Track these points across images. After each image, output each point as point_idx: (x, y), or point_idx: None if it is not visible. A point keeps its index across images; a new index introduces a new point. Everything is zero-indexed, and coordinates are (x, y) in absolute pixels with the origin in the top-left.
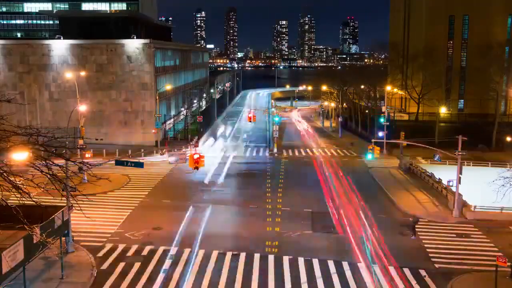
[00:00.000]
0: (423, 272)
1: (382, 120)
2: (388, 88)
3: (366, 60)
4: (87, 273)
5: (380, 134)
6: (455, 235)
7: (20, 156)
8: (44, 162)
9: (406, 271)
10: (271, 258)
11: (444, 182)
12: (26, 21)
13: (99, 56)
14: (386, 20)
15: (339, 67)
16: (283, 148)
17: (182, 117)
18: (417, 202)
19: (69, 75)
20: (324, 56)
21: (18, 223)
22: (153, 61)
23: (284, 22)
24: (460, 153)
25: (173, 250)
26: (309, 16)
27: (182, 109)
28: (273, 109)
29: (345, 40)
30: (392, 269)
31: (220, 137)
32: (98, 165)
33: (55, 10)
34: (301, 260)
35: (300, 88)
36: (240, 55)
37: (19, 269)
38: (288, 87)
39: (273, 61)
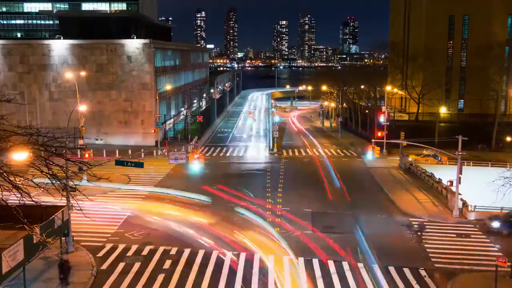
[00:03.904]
0: (423, 272)
1: (382, 120)
2: (388, 88)
3: (366, 60)
4: (87, 273)
5: (380, 134)
6: (455, 235)
7: (20, 156)
8: (44, 162)
9: (406, 271)
10: (271, 258)
11: (444, 182)
12: (26, 21)
13: (99, 56)
14: (386, 20)
15: (339, 67)
16: (283, 148)
17: (182, 117)
18: (417, 202)
19: (69, 75)
20: (324, 56)
21: (18, 223)
22: (153, 61)
23: (284, 22)
24: (460, 153)
25: (173, 250)
26: (309, 16)
27: (182, 109)
28: (273, 109)
29: (345, 40)
30: (392, 269)
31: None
32: (98, 165)
33: (55, 10)
34: (301, 260)
35: (300, 88)
36: (240, 55)
37: (19, 269)
38: (288, 87)
39: (273, 61)
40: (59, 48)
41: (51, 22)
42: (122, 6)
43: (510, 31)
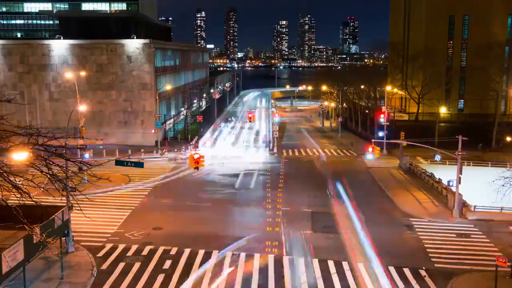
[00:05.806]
0: (423, 272)
1: (382, 120)
2: (388, 88)
3: (366, 60)
4: (87, 273)
5: (380, 134)
6: (455, 235)
7: (20, 156)
8: (44, 162)
9: (406, 271)
10: (271, 258)
11: (444, 182)
12: (26, 21)
13: (99, 56)
14: (386, 20)
15: (339, 67)
16: (283, 148)
17: (182, 117)
18: (417, 202)
19: (69, 75)
20: (324, 56)
21: (18, 223)
22: (153, 61)
23: (284, 22)
24: (460, 153)
25: (173, 250)
26: (309, 16)
27: (182, 109)
28: (273, 109)
29: (345, 40)
30: (392, 269)
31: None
32: (98, 165)
33: (55, 10)
34: (301, 260)
35: (300, 88)
36: (240, 55)
37: (19, 269)
38: (288, 87)
39: (273, 61)
40: (59, 48)
41: (51, 22)
42: (122, 6)
43: (510, 31)
